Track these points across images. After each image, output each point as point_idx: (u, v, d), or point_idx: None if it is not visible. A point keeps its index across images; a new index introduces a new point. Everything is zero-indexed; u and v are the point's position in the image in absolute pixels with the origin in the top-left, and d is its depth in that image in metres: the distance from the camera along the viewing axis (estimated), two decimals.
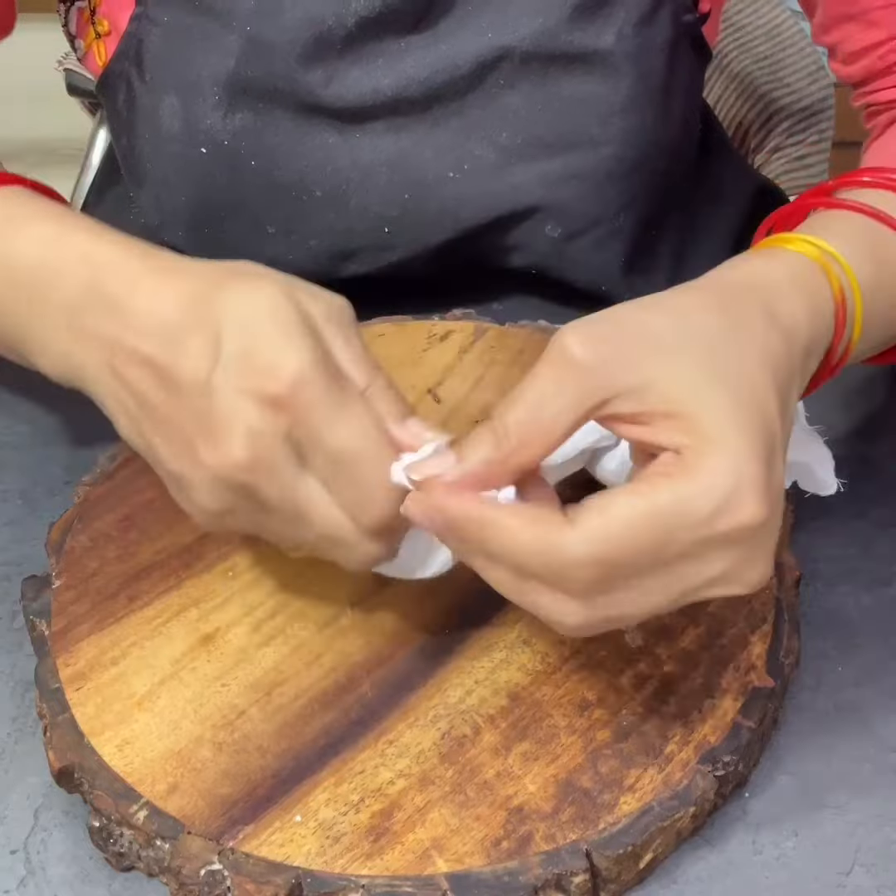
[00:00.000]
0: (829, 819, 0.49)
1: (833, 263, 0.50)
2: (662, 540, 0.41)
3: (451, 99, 0.70)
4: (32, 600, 0.55)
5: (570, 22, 0.69)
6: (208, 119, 0.69)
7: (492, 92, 0.70)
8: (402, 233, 0.72)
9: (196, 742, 0.49)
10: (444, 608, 0.54)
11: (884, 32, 0.70)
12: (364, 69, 0.69)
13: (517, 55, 0.69)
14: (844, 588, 0.58)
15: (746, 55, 1.09)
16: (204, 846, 0.46)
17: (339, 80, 0.69)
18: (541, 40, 0.69)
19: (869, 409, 0.67)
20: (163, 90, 0.70)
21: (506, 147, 0.71)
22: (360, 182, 0.71)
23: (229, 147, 0.70)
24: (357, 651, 0.52)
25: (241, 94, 0.69)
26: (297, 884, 0.45)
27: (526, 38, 0.69)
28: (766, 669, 0.51)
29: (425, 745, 0.49)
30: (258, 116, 0.69)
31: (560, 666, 0.51)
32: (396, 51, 0.69)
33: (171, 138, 0.71)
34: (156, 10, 0.69)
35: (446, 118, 0.70)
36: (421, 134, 0.71)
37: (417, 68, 0.69)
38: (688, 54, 0.74)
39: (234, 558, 0.56)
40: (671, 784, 0.47)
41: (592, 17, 0.69)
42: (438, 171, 0.71)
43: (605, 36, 0.69)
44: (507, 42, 0.69)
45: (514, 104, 0.70)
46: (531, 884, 0.44)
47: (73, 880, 0.48)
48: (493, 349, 0.67)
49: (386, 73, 0.69)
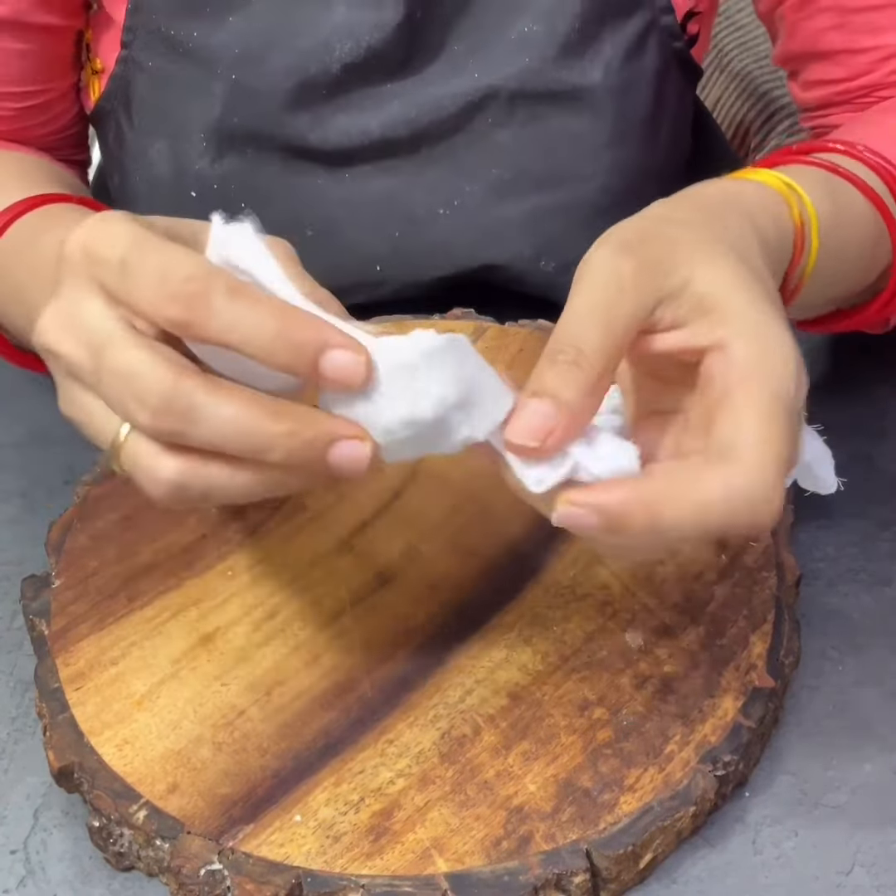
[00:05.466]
0: (829, 819, 0.49)
1: (794, 195, 0.51)
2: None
3: (439, 138, 0.70)
4: (32, 600, 0.55)
5: (556, 60, 0.68)
6: (197, 164, 0.70)
7: (480, 130, 0.70)
8: (394, 269, 0.72)
9: (196, 742, 0.49)
10: (444, 608, 0.54)
11: (844, 72, 0.72)
12: (351, 112, 0.69)
13: (504, 94, 0.69)
14: (844, 588, 0.58)
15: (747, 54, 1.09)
16: (204, 846, 0.46)
17: (326, 124, 0.69)
18: (528, 79, 0.68)
19: (869, 409, 0.67)
20: (151, 134, 0.71)
21: (496, 183, 0.71)
22: (349, 221, 0.71)
23: (219, 190, 0.70)
24: (357, 651, 0.52)
25: (228, 140, 0.69)
26: (297, 884, 0.45)
27: (513, 78, 0.68)
28: (766, 669, 0.51)
29: (425, 745, 0.49)
30: (246, 160, 0.69)
31: (560, 665, 0.51)
32: (383, 93, 0.69)
33: (161, 182, 0.71)
34: (140, 55, 0.69)
35: (435, 157, 0.70)
36: (410, 173, 0.70)
37: (405, 109, 0.69)
38: (676, 79, 0.73)
39: (233, 558, 0.56)
40: (671, 784, 0.47)
41: (579, 54, 0.68)
42: (429, 208, 0.71)
43: (593, 72, 0.69)
44: (494, 82, 0.68)
45: (503, 141, 0.70)
46: (531, 884, 0.44)
47: (73, 880, 0.48)
48: (493, 348, 0.67)
49: (373, 115, 0.69)
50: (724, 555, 0.55)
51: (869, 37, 0.70)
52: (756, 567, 0.55)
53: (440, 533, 0.57)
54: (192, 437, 0.40)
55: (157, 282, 0.40)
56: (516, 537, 0.57)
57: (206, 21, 0.67)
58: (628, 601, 0.54)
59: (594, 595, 0.54)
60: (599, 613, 0.53)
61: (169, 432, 0.40)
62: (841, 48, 0.71)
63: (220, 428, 0.40)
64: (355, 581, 0.55)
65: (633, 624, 0.53)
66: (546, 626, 0.53)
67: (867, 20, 0.70)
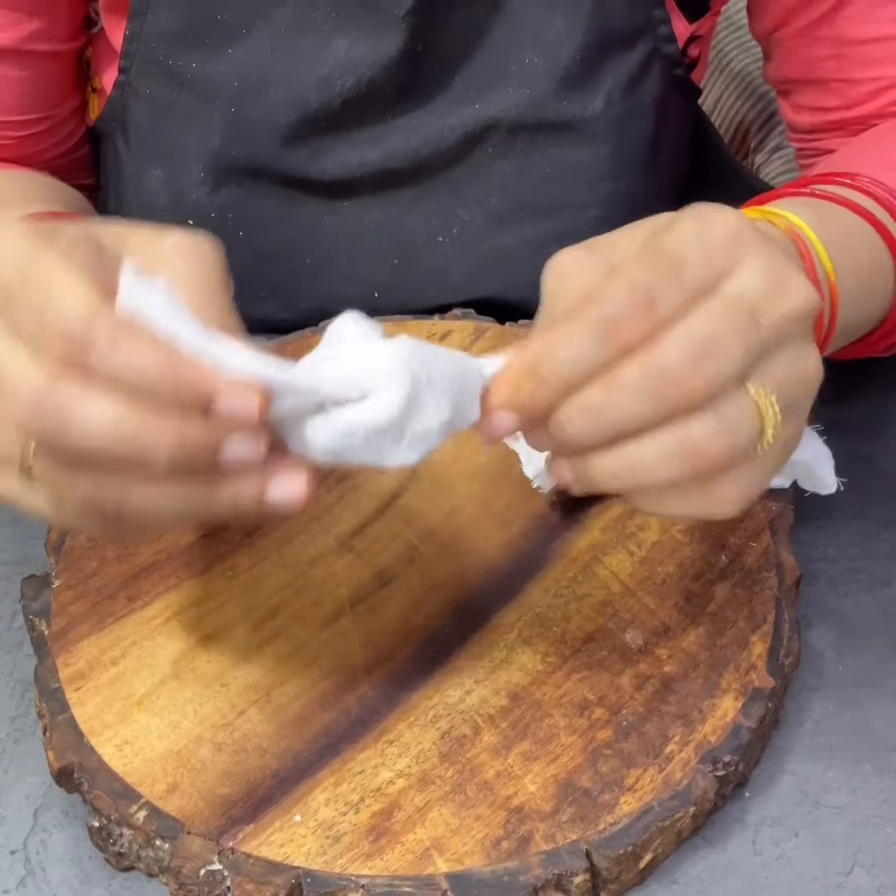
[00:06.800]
0: (829, 819, 0.49)
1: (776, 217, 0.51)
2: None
3: (439, 168, 0.70)
4: (32, 600, 0.55)
5: (557, 92, 0.68)
6: (194, 194, 0.69)
7: (480, 161, 0.70)
8: (392, 298, 0.72)
9: (196, 742, 0.49)
10: (444, 608, 0.54)
11: (838, 100, 0.72)
12: (350, 145, 0.69)
13: (504, 126, 0.69)
14: (844, 588, 0.58)
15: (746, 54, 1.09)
16: (204, 846, 0.46)
17: (325, 156, 0.69)
18: (528, 111, 0.68)
19: (868, 409, 0.67)
20: (147, 161, 0.70)
21: (495, 212, 0.71)
22: (347, 249, 0.71)
23: (216, 219, 0.70)
24: (357, 651, 0.52)
25: (226, 171, 0.69)
26: (297, 884, 0.45)
27: (513, 110, 0.68)
28: (766, 669, 0.51)
29: (425, 745, 0.49)
30: (244, 190, 0.69)
31: (560, 666, 0.51)
32: (383, 125, 0.68)
33: (157, 209, 0.71)
34: (138, 81, 0.69)
35: (435, 186, 0.70)
36: (409, 202, 0.70)
37: (405, 142, 0.69)
38: (677, 105, 0.73)
39: (234, 558, 0.56)
40: (671, 784, 0.47)
41: (579, 86, 0.68)
42: (427, 236, 0.71)
43: (594, 103, 0.69)
44: (495, 113, 0.68)
45: (502, 171, 0.70)
46: (531, 884, 0.44)
47: (73, 880, 0.48)
48: (494, 348, 0.66)
49: (373, 147, 0.69)
50: (724, 555, 0.55)
51: (866, 68, 0.70)
52: (756, 567, 0.55)
53: (440, 533, 0.57)
54: (65, 442, 0.39)
55: (36, 318, 0.39)
56: (516, 537, 0.57)
57: (205, 52, 0.67)
58: (628, 601, 0.54)
59: (594, 595, 0.54)
60: (599, 613, 0.53)
61: (43, 435, 0.39)
62: (837, 77, 0.71)
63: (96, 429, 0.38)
64: (355, 581, 0.55)
65: (633, 624, 0.53)
66: (546, 626, 0.53)
67: (864, 52, 0.69)
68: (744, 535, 0.56)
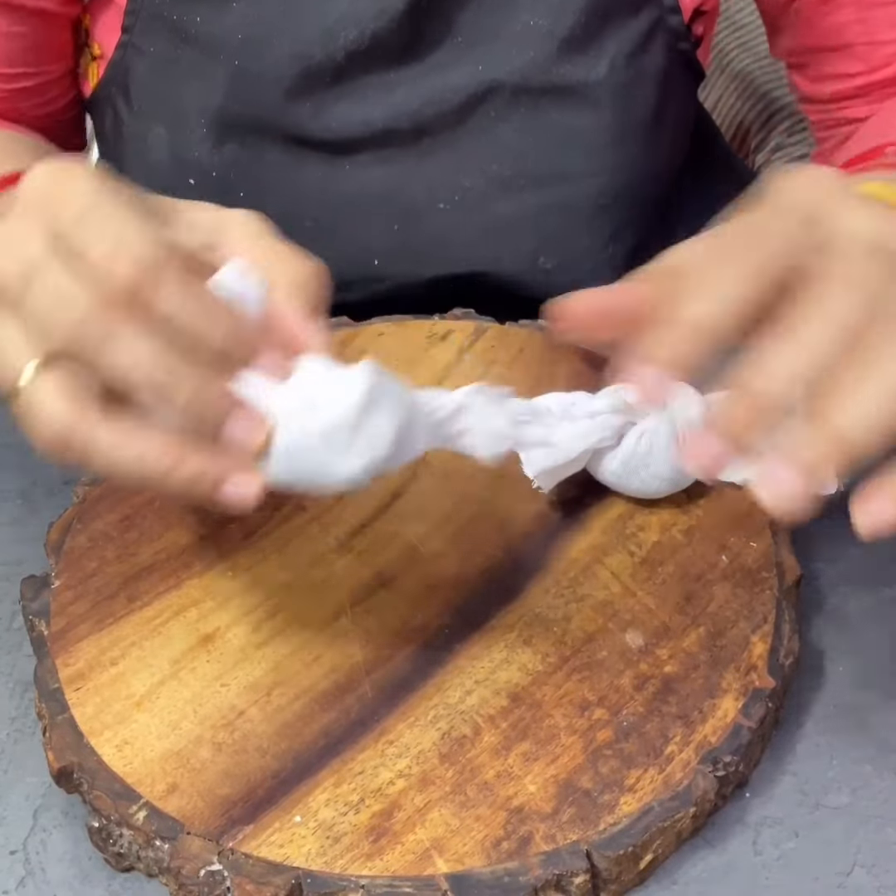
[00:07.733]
0: (829, 819, 0.49)
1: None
2: None
3: (441, 131, 0.70)
4: (31, 600, 0.55)
5: (559, 55, 0.68)
6: (196, 151, 0.69)
7: (482, 124, 0.70)
8: (392, 265, 0.72)
9: (195, 742, 0.49)
10: (444, 608, 0.54)
11: (862, 65, 0.72)
12: (353, 101, 0.68)
13: (508, 88, 0.69)
14: (844, 588, 0.58)
15: (747, 54, 1.09)
16: (203, 847, 0.46)
17: (328, 113, 0.69)
18: (531, 73, 0.68)
19: None
20: (150, 120, 0.70)
21: (496, 178, 0.71)
22: (349, 213, 0.71)
23: (218, 178, 0.69)
24: (357, 651, 0.52)
25: (228, 128, 0.69)
26: (297, 884, 0.45)
27: (516, 72, 0.68)
28: (766, 670, 0.51)
29: (425, 746, 0.49)
30: (246, 148, 0.69)
31: (560, 666, 0.51)
32: (386, 83, 0.68)
33: (159, 169, 0.71)
34: (141, 40, 0.69)
35: (436, 150, 0.70)
36: (411, 165, 0.70)
37: (407, 100, 0.69)
38: (680, 81, 0.73)
39: (234, 558, 0.56)
40: (671, 784, 0.47)
41: (582, 50, 0.68)
42: (428, 202, 0.71)
43: (597, 69, 0.69)
44: (498, 75, 0.68)
45: (504, 136, 0.70)
46: (531, 884, 0.44)
47: (73, 881, 0.48)
48: (494, 348, 0.67)
49: (375, 105, 0.69)
50: (724, 555, 0.55)
51: (890, 30, 0.70)
52: (756, 567, 0.55)
53: (440, 533, 0.57)
54: (101, 365, 0.41)
55: (112, 246, 0.40)
56: (516, 537, 0.57)
57: (210, 6, 0.67)
58: (628, 601, 0.54)
59: (594, 595, 0.54)
60: (599, 613, 0.53)
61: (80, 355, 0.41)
62: (862, 41, 0.71)
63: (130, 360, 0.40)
64: (355, 581, 0.55)
65: (633, 624, 0.53)
66: (546, 626, 0.53)
67: (888, 14, 0.70)
68: (744, 535, 0.56)
